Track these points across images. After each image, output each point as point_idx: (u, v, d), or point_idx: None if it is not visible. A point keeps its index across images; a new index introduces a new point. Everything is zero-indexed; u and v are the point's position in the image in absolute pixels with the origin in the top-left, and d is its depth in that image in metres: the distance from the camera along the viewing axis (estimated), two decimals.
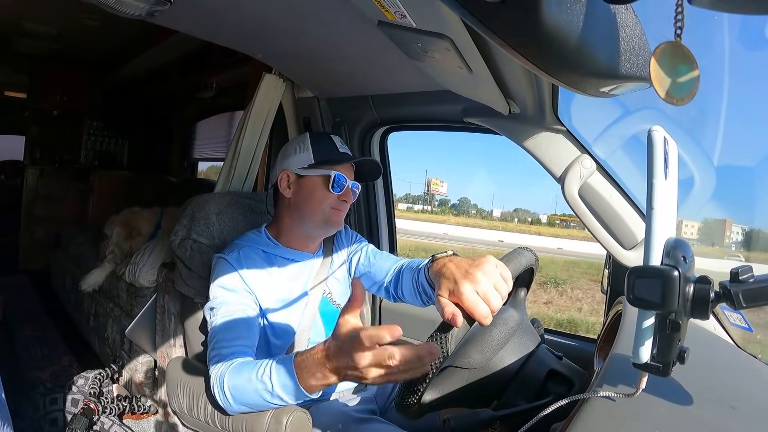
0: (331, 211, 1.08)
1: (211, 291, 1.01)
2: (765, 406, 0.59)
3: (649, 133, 0.48)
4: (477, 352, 0.74)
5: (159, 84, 3.38)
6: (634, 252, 1.04)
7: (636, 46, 0.50)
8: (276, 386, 0.77)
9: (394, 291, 1.09)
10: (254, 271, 1.03)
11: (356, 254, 1.20)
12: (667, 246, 0.45)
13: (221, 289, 1.00)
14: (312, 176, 1.07)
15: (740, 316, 0.95)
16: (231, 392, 0.84)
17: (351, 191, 1.10)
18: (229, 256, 1.03)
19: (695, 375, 0.60)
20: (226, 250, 1.07)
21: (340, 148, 1.12)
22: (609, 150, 1.12)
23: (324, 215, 1.07)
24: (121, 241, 2.12)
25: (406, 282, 1.04)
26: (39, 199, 3.61)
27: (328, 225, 1.09)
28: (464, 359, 0.75)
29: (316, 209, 1.07)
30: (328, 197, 1.07)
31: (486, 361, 0.74)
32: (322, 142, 1.12)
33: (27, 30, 2.79)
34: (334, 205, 1.08)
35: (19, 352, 2.15)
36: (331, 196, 1.07)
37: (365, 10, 0.82)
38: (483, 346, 0.75)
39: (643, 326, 0.45)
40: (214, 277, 1.02)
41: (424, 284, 0.97)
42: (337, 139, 1.13)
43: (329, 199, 1.07)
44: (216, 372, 0.87)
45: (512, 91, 1.00)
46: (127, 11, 0.88)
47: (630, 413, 0.49)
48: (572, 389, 0.74)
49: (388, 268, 1.12)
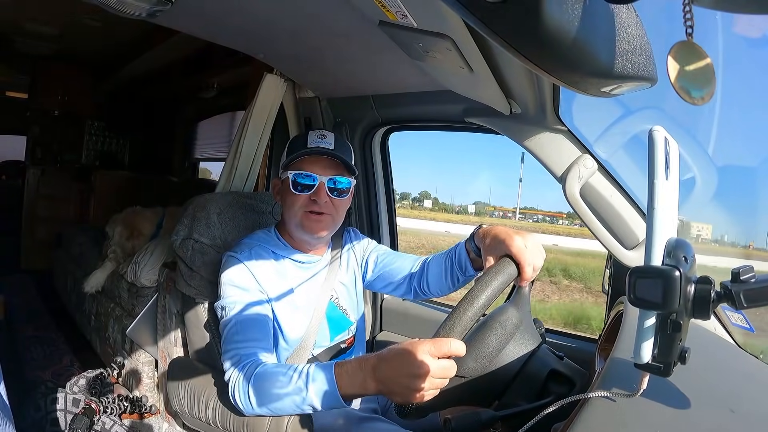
0: (303, 215, 1.00)
1: (222, 289, 0.99)
2: (765, 408, 0.58)
3: (650, 133, 0.48)
4: (472, 359, 0.73)
5: (160, 84, 3.38)
6: (635, 252, 1.04)
7: (637, 46, 0.50)
8: (311, 392, 0.78)
9: (418, 285, 1.08)
10: (266, 271, 1.02)
11: (371, 256, 1.19)
12: (668, 246, 0.45)
13: (234, 288, 0.98)
14: (285, 179, 1.02)
15: (741, 316, 0.94)
16: (255, 395, 0.83)
17: (325, 189, 0.99)
18: (241, 254, 1.01)
19: (696, 375, 0.60)
20: (235, 248, 1.04)
21: (310, 143, 1.01)
22: (610, 150, 1.12)
23: (296, 220, 1.01)
24: (122, 241, 2.12)
25: (434, 270, 1.05)
26: (40, 199, 3.61)
27: (302, 231, 1.02)
28: (459, 368, 0.72)
29: (290, 214, 1.02)
30: (296, 200, 1.00)
31: (482, 369, 0.74)
32: (297, 140, 1.05)
33: (29, 30, 2.80)
34: (306, 208, 1.00)
35: (20, 352, 2.16)
36: (299, 199, 1.00)
37: (366, 10, 0.82)
38: (478, 353, 0.74)
39: (645, 326, 0.45)
40: (225, 275, 0.99)
41: (461, 258, 0.98)
42: (316, 132, 1.03)
43: (298, 202, 1.00)
44: (237, 373, 0.86)
45: (513, 91, 1.00)
46: (129, 11, 0.88)
47: (631, 413, 0.49)
48: (573, 389, 0.74)
49: (409, 265, 1.12)
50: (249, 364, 0.86)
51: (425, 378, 0.67)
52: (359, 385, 0.75)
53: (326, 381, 0.77)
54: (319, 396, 0.77)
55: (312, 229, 1.01)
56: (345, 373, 0.77)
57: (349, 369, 0.77)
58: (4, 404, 0.45)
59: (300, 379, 0.79)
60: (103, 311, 2.03)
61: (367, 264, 1.19)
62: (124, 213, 2.27)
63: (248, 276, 0.99)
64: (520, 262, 0.78)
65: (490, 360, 0.74)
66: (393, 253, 1.19)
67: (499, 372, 0.74)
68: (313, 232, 1.02)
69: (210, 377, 1.05)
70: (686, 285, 0.44)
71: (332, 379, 0.77)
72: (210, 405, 1.00)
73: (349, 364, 0.78)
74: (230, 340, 0.93)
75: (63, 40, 2.96)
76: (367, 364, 0.75)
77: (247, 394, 0.83)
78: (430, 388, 0.68)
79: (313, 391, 0.78)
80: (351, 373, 0.76)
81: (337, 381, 0.76)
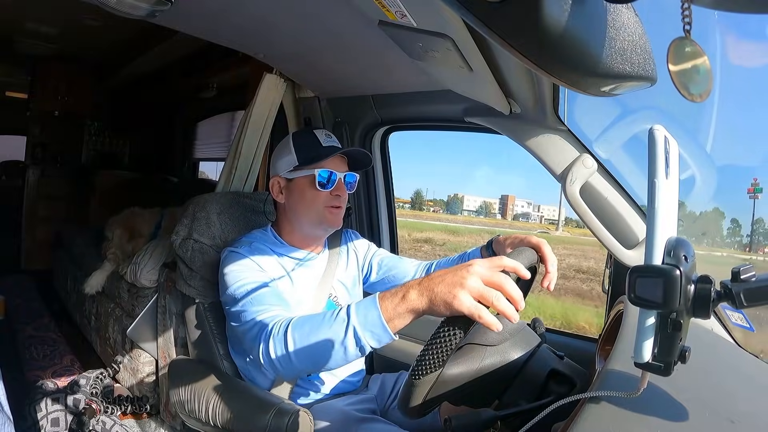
0: (326, 210, 1.05)
1: (226, 280, 0.98)
2: (766, 408, 0.59)
3: (650, 131, 0.48)
4: (494, 332, 0.73)
5: (160, 84, 3.38)
6: (636, 251, 1.04)
7: (637, 46, 0.50)
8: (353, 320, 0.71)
9: None
10: (267, 264, 1.02)
11: (375, 258, 1.20)
12: (669, 245, 0.45)
13: (240, 273, 0.97)
14: (299, 178, 1.05)
15: (741, 315, 0.95)
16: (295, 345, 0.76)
17: (344, 184, 1.07)
18: (241, 249, 1.02)
19: (697, 375, 0.60)
20: (235, 244, 1.05)
21: (324, 143, 1.07)
22: (610, 149, 1.12)
23: (318, 216, 1.06)
24: (122, 243, 2.12)
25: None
26: (40, 199, 3.61)
27: (324, 225, 1.07)
28: (482, 337, 0.75)
29: (310, 211, 1.05)
30: (318, 196, 1.04)
31: (502, 341, 0.75)
32: (305, 140, 1.08)
33: (28, 30, 2.80)
34: (328, 203, 1.05)
35: (21, 352, 2.15)
36: (322, 195, 1.04)
37: (366, 10, 0.82)
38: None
39: (645, 325, 0.45)
40: (228, 268, 0.99)
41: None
42: (322, 132, 1.09)
43: (320, 198, 1.05)
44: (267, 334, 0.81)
45: (513, 91, 1.00)
46: (128, 11, 0.88)
47: (631, 413, 0.49)
48: (573, 389, 0.74)
49: (412, 269, 1.15)
50: (279, 322, 0.81)
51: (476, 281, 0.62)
52: (400, 300, 0.68)
53: (368, 304, 0.71)
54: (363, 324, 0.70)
55: (333, 222, 1.07)
56: (387, 293, 0.70)
57: (391, 289, 0.71)
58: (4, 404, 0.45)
59: (341, 312, 0.73)
60: (103, 311, 2.03)
61: (371, 266, 1.20)
62: (123, 215, 2.26)
63: (252, 264, 1.00)
64: (545, 255, 0.82)
65: (512, 334, 0.76)
66: (395, 257, 1.22)
67: (499, 372, 0.74)
68: (334, 225, 1.08)
69: (210, 377, 1.05)
70: (686, 284, 0.44)
71: (373, 300, 0.70)
72: (210, 405, 1.00)
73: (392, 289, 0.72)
74: (249, 313, 0.89)
75: (63, 40, 2.95)
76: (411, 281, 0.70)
77: (285, 348, 0.77)
78: (479, 294, 0.62)
79: (356, 319, 0.71)
80: (393, 292, 0.70)
81: (379, 302, 0.70)
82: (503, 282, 0.62)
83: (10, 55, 3.27)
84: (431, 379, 0.65)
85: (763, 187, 4.70)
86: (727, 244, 4.73)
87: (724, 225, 4.09)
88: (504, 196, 22.57)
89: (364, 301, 0.72)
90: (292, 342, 0.77)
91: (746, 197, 4.67)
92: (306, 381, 1.08)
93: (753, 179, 4.58)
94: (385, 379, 1.19)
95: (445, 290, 0.63)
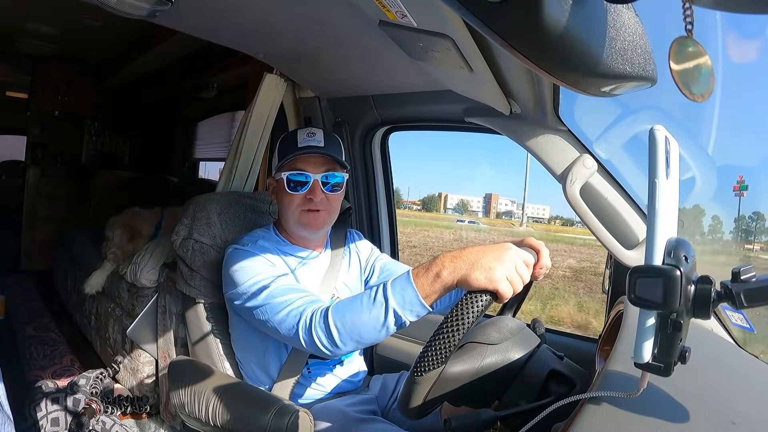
0: (301, 213, 1.04)
1: (234, 277, 0.98)
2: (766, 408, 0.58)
3: (650, 132, 0.48)
4: (494, 330, 0.76)
5: (160, 84, 3.38)
6: (636, 252, 1.04)
7: (637, 46, 0.50)
8: (392, 301, 0.75)
9: None
10: (274, 259, 1.03)
11: (378, 262, 1.21)
12: (669, 245, 0.45)
13: (252, 269, 0.97)
14: (280, 179, 1.05)
15: (742, 315, 0.94)
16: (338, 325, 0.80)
17: (322, 186, 1.03)
18: (248, 246, 1.02)
19: (697, 375, 0.60)
20: (239, 242, 1.05)
21: (301, 142, 1.03)
22: (610, 149, 1.12)
23: (294, 218, 1.05)
24: (123, 243, 2.12)
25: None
26: (40, 199, 3.61)
27: (301, 227, 1.06)
28: (483, 335, 0.76)
29: (287, 213, 1.06)
30: (292, 199, 1.04)
31: (502, 339, 0.76)
32: (287, 139, 1.08)
33: (28, 30, 2.80)
34: (302, 206, 1.04)
35: (21, 352, 2.15)
36: (295, 197, 1.03)
37: (366, 10, 0.82)
38: (499, 326, 0.78)
39: (645, 326, 0.45)
40: (236, 265, 0.99)
41: None
42: (304, 131, 1.06)
43: (294, 201, 1.04)
44: (308, 317, 0.84)
45: (513, 91, 1.00)
46: (129, 11, 0.88)
47: (631, 413, 0.49)
48: (573, 389, 0.74)
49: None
50: (315, 309, 0.84)
51: (510, 259, 0.70)
52: (434, 278, 0.73)
53: (403, 285, 0.75)
54: (402, 304, 0.75)
55: (310, 225, 1.06)
56: (420, 269, 0.76)
57: (424, 265, 0.76)
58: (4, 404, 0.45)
59: (378, 295, 0.77)
60: (104, 311, 2.03)
61: (373, 269, 1.21)
62: (123, 215, 2.27)
63: (262, 259, 1.00)
64: (539, 249, 0.82)
65: (513, 333, 0.77)
66: (395, 263, 1.23)
67: (499, 372, 0.74)
68: (311, 228, 1.06)
69: (210, 377, 1.05)
70: (687, 284, 0.43)
71: (408, 279, 0.75)
72: (210, 405, 1.00)
73: (423, 265, 0.77)
74: (276, 304, 0.89)
75: (63, 40, 2.96)
76: (443, 256, 0.74)
77: (330, 336, 0.81)
78: (513, 272, 0.70)
79: (394, 301, 0.75)
80: (425, 268, 0.75)
81: (414, 281, 0.74)
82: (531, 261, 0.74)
83: (11, 55, 3.28)
84: (433, 376, 0.65)
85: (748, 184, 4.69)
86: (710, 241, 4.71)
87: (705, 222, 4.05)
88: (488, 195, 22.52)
89: (399, 281, 0.76)
90: (335, 330, 0.80)
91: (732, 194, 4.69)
92: (306, 381, 1.08)
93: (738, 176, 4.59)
94: (386, 379, 1.19)
95: (480, 270, 0.69)
